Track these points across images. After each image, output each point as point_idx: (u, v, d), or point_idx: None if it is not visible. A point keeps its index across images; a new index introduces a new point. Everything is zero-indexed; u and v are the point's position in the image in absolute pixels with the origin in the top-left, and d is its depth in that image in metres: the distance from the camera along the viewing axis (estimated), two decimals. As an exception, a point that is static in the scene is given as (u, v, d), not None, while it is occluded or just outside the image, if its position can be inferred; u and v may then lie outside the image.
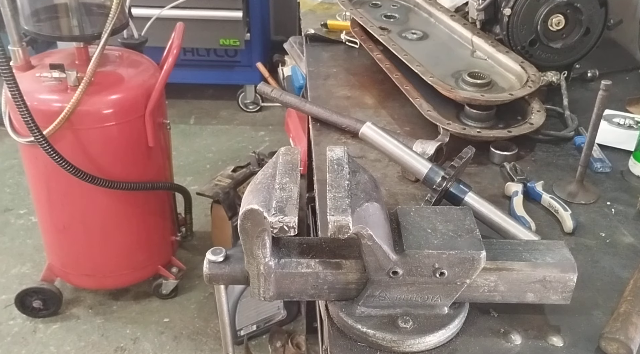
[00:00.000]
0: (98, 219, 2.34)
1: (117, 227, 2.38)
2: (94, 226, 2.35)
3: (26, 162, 2.30)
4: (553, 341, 0.89)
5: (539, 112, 1.37)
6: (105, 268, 2.49)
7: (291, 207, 0.77)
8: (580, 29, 1.52)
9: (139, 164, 2.29)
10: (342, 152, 0.88)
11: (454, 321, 0.89)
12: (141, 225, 2.43)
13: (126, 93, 2.15)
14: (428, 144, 1.25)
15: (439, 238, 0.85)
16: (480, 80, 1.40)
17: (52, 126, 2.02)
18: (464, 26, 1.61)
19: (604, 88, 1.11)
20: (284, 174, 0.83)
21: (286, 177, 0.82)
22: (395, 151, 1.12)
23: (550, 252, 0.90)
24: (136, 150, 2.25)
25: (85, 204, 2.28)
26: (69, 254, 2.45)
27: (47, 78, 2.07)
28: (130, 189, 2.24)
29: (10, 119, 2.16)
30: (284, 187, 0.80)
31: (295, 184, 0.81)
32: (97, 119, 2.11)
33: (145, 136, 2.23)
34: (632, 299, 0.92)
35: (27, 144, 2.13)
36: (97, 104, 2.10)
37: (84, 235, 2.37)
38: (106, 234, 2.38)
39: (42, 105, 2.05)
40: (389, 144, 1.13)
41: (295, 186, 0.81)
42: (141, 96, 2.18)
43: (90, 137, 2.13)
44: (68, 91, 2.06)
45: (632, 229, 1.14)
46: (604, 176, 1.29)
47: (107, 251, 2.43)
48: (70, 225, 2.34)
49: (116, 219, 2.36)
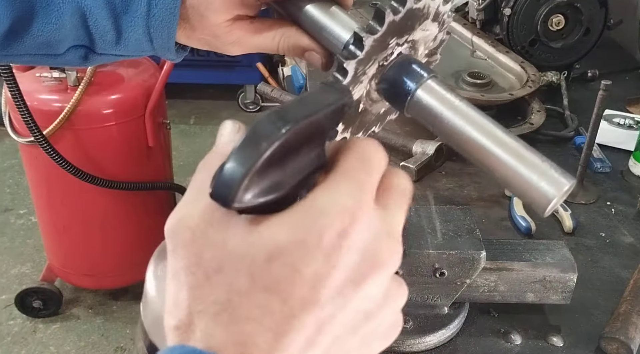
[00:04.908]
0: (98, 219, 2.34)
1: (117, 227, 2.38)
2: (93, 226, 2.35)
3: (26, 162, 2.30)
4: (553, 341, 0.89)
5: (539, 112, 1.37)
6: (105, 267, 2.48)
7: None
8: (580, 29, 1.53)
9: (139, 164, 2.29)
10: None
11: (454, 321, 0.89)
12: (141, 225, 2.43)
13: (126, 93, 2.15)
14: (428, 144, 1.25)
15: (439, 238, 0.85)
16: (480, 80, 1.40)
17: (52, 126, 2.02)
18: (464, 26, 1.61)
19: (604, 88, 1.11)
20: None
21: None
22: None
23: (550, 252, 0.90)
24: (136, 150, 2.25)
25: (85, 204, 2.28)
26: (69, 254, 2.45)
27: (47, 78, 2.07)
28: (130, 189, 2.24)
29: (10, 119, 2.15)
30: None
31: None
32: (97, 119, 2.11)
33: (145, 136, 2.23)
34: (632, 299, 0.92)
35: (27, 144, 2.13)
36: (97, 104, 2.10)
37: (83, 235, 2.37)
38: (106, 234, 2.37)
39: (42, 105, 2.05)
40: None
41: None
42: (141, 95, 2.18)
43: (90, 137, 2.13)
44: (68, 91, 2.06)
45: (632, 229, 1.14)
46: (604, 176, 1.29)
47: (107, 251, 2.43)
48: (70, 225, 2.34)
49: (116, 219, 2.36)
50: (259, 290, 0.33)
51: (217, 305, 0.33)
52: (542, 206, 0.46)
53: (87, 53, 0.63)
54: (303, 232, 0.33)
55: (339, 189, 0.34)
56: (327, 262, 0.33)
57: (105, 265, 2.48)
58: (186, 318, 0.34)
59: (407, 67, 0.52)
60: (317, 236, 0.33)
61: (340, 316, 0.34)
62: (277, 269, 0.33)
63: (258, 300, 0.33)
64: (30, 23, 0.59)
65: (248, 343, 0.32)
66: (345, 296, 0.34)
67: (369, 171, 0.36)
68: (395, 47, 0.51)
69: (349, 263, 0.34)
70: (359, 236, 0.34)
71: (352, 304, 0.34)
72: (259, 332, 0.32)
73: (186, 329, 0.34)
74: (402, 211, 0.38)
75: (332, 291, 0.33)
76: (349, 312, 0.34)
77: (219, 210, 0.34)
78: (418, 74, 0.51)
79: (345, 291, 0.34)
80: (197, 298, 0.34)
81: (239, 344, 0.32)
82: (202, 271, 0.34)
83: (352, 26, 0.55)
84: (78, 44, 0.61)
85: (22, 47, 0.61)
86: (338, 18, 0.56)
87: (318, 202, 0.34)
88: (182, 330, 0.34)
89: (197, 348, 0.32)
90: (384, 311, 0.36)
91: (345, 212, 0.33)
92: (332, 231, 0.33)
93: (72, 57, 0.63)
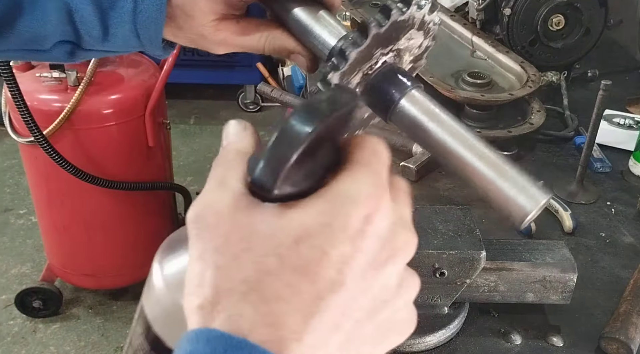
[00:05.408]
0: (98, 219, 2.34)
1: (117, 227, 2.38)
2: (93, 226, 2.35)
3: (26, 162, 2.30)
4: (553, 341, 0.89)
5: (539, 112, 1.37)
6: (105, 267, 2.48)
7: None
8: (580, 29, 1.53)
9: (139, 164, 2.29)
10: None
11: (454, 321, 0.89)
12: (141, 225, 2.43)
13: (126, 93, 2.15)
14: (428, 144, 1.25)
15: (439, 238, 0.85)
16: (480, 80, 1.40)
17: (52, 126, 2.02)
18: (464, 26, 1.61)
19: (604, 88, 1.11)
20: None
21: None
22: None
23: (550, 252, 0.90)
24: (136, 150, 2.25)
25: (85, 204, 2.28)
26: (69, 254, 2.45)
27: (47, 78, 2.07)
28: (130, 189, 2.24)
29: (10, 119, 2.15)
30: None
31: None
32: (97, 119, 2.11)
33: (145, 136, 2.23)
34: (632, 299, 0.92)
35: (27, 144, 2.13)
36: (97, 104, 2.09)
37: (83, 235, 2.37)
38: (106, 234, 2.37)
39: (42, 105, 2.05)
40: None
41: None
42: (141, 95, 2.18)
43: (90, 137, 2.13)
44: (68, 90, 2.06)
45: (632, 229, 1.14)
46: (604, 176, 1.29)
47: (107, 251, 2.43)
48: (70, 225, 2.34)
49: (116, 219, 2.36)
50: (288, 271, 0.33)
51: (246, 284, 0.33)
52: (520, 218, 0.47)
53: (73, 49, 0.62)
54: (330, 216, 0.34)
55: (362, 178, 0.36)
56: (353, 245, 0.34)
57: (105, 265, 2.48)
58: (212, 296, 0.33)
59: (391, 76, 0.52)
60: (343, 220, 0.34)
61: (362, 301, 0.35)
62: (306, 250, 0.33)
63: (287, 280, 0.33)
64: (16, 19, 0.58)
65: (278, 323, 0.32)
66: (367, 281, 0.35)
67: (383, 164, 0.37)
68: (380, 56, 0.52)
69: (371, 248, 0.35)
70: (381, 223, 0.35)
71: (371, 290, 0.35)
72: (289, 312, 0.32)
73: (212, 309, 0.33)
74: (408, 207, 0.39)
75: (357, 274, 0.34)
76: (369, 298, 0.35)
77: (245, 198, 0.35)
78: (402, 84, 0.52)
79: (367, 276, 0.35)
80: (225, 276, 0.33)
81: (269, 325, 0.32)
82: (231, 250, 0.34)
83: (339, 33, 0.55)
84: (64, 39, 0.61)
85: (7, 42, 0.60)
86: (324, 23, 0.56)
87: (344, 189, 0.35)
88: (206, 310, 0.33)
89: (224, 332, 0.32)
90: (398, 300, 0.38)
91: (370, 198, 0.35)
92: (358, 215, 0.34)
93: (59, 53, 0.62)
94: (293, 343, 0.32)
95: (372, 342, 0.37)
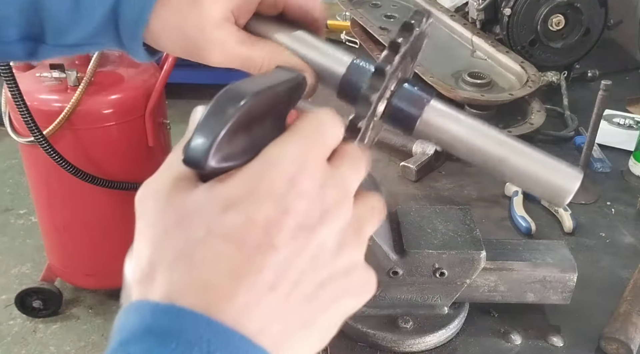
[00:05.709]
0: (98, 219, 2.34)
1: (117, 227, 2.38)
2: (94, 226, 2.35)
3: (26, 162, 2.30)
4: (553, 341, 0.89)
5: (539, 112, 1.37)
6: (106, 267, 2.48)
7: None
8: (580, 29, 1.53)
9: (139, 164, 2.29)
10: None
11: (454, 321, 0.89)
12: (141, 225, 2.43)
13: (126, 93, 2.15)
14: (428, 144, 1.25)
15: (439, 238, 0.85)
16: (480, 80, 1.40)
17: (52, 126, 2.02)
18: (464, 26, 1.61)
19: (604, 88, 1.11)
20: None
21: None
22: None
23: (550, 252, 0.90)
24: (136, 150, 2.25)
25: (85, 204, 2.28)
26: (69, 254, 2.45)
27: (47, 78, 2.07)
28: (131, 189, 2.24)
29: (10, 119, 2.16)
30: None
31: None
32: (97, 119, 2.11)
33: (145, 136, 2.23)
34: (632, 299, 0.92)
35: (27, 144, 2.13)
36: (97, 104, 2.09)
37: (84, 235, 2.37)
38: (106, 234, 2.37)
39: (42, 105, 2.05)
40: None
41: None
42: (141, 96, 2.18)
43: (90, 137, 2.13)
44: (68, 91, 2.06)
45: (632, 229, 1.14)
46: (604, 176, 1.29)
47: (107, 251, 2.42)
48: (70, 225, 2.34)
49: (116, 219, 2.36)
50: (216, 239, 0.34)
51: (174, 252, 0.35)
52: (562, 198, 0.51)
53: (35, 46, 0.60)
54: (254, 182, 0.35)
55: (289, 143, 0.37)
56: (278, 208, 0.35)
57: (106, 265, 2.46)
58: (147, 267, 0.35)
59: (406, 94, 0.53)
60: (267, 184, 0.35)
61: (297, 262, 0.35)
62: (231, 218, 0.35)
63: (215, 247, 0.34)
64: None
65: (207, 287, 0.33)
66: (299, 241, 0.35)
67: (321, 132, 0.38)
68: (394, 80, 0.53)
69: (299, 209, 0.35)
70: (306, 184, 0.36)
71: (307, 251, 0.36)
72: (217, 276, 0.34)
73: (147, 282, 0.35)
74: (355, 176, 0.40)
75: (286, 235, 0.35)
76: (305, 259, 0.36)
77: (184, 179, 0.37)
78: (419, 98, 0.53)
79: (299, 236, 0.35)
80: (156, 249, 0.35)
81: (198, 288, 0.33)
82: (162, 225, 0.36)
83: (345, 62, 0.55)
84: (25, 19, 0.57)
85: None
86: (328, 52, 0.57)
87: (268, 155, 0.36)
88: (143, 284, 0.35)
89: (151, 301, 0.34)
90: (339, 261, 0.38)
91: (294, 161, 0.36)
92: (281, 178, 0.35)
93: (18, 49, 0.60)
94: (224, 304, 0.33)
95: (322, 303, 0.37)
